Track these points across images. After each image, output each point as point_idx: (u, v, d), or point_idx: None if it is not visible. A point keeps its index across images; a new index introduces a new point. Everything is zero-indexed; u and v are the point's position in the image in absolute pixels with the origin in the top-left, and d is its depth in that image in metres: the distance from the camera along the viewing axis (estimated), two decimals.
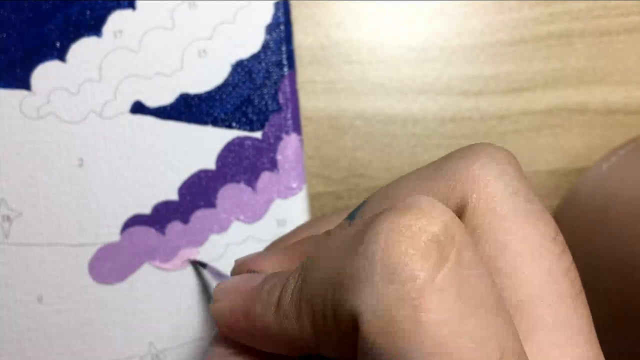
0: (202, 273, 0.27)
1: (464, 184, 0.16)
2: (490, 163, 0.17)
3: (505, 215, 0.16)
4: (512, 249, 0.16)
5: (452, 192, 0.17)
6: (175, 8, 0.28)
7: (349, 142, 0.31)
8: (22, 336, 0.27)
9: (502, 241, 0.16)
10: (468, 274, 0.14)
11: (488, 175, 0.16)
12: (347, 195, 0.31)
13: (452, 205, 0.17)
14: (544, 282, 0.16)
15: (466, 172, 0.17)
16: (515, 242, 0.16)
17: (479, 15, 0.32)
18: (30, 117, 0.27)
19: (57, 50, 0.28)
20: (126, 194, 0.28)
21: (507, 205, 0.16)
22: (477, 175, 0.16)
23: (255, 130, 0.28)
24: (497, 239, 0.16)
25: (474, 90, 0.32)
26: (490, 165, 0.17)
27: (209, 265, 0.26)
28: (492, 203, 0.16)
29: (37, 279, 0.27)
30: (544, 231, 0.16)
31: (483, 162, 0.17)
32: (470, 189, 0.16)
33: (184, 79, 0.28)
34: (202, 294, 0.28)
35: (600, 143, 0.32)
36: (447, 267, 0.13)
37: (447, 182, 0.17)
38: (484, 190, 0.16)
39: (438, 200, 0.15)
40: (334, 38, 0.31)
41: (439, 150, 0.31)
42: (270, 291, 0.17)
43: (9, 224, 0.27)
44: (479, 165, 0.17)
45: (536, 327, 0.15)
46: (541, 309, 0.15)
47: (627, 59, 0.32)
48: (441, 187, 0.17)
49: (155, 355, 0.27)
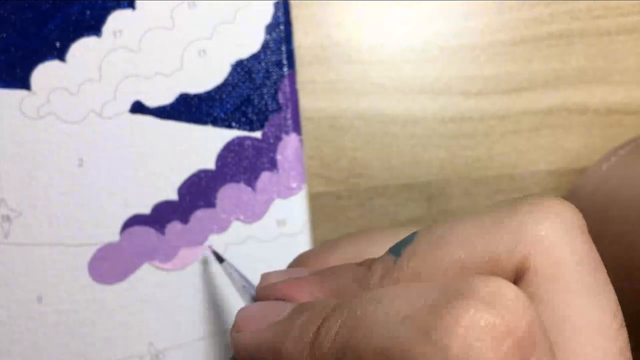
0: (210, 269, 0.27)
1: (528, 244, 0.15)
2: (558, 225, 0.15)
3: (568, 286, 0.15)
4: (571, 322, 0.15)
5: (514, 251, 0.15)
6: (175, 8, 0.28)
7: (349, 142, 0.31)
8: (22, 336, 0.27)
9: (561, 313, 0.15)
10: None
11: (555, 239, 0.15)
12: (347, 195, 0.31)
13: (512, 264, 0.15)
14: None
15: (533, 232, 0.15)
16: (575, 316, 0.15)
17: (479, 15, 0.32)
18: (30, 117, 0.27)
19: (57, 50, 0.28)
20: (126, 194, 0.28)
21: (571, 275, 0.15)
22: (544, 238, 0.15)
23: (255, 130, 0.28)
24: (557, 311, 0.15)
25: (474, 90, 0.32)
26: (559, 228, 0.15)
27: (226, 261, 0.26)
28: (557, 271, 0.15)
29: (37, 279, 0.27)
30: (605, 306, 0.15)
31: (551, 224, 0.15)
32: (534, 251, 0.15)
33: (184, 78, 0.28)
34: (213, 287, 0.27)
35: (600, 143, 0.32)
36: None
37: (510, 238, 0.15)
38: (550, 255, 0.15)
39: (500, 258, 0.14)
40: (334, 38, 0.31)
41: (439, 150, 0.31)
42: (303, 327, 0.16)
43: (9, 224, 0.27)
44: (547, 227, 0.15)
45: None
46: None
47: (627, 59, 0.32)
48: (502, 243, 0.15)
49: (155, 355, 0.27)
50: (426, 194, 0.31)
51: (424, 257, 0.16)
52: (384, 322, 0.14)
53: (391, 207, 0.31)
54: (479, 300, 0.13)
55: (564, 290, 0.15)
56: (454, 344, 0.13)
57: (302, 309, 0.16)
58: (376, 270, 0.17)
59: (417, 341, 0.13)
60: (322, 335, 0.15)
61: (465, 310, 0.13)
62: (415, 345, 0.13)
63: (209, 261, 0.27)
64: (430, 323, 0.13)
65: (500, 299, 0.13)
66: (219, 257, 0.26)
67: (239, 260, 0.27)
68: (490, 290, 0.13)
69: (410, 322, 0.13)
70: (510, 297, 0.13)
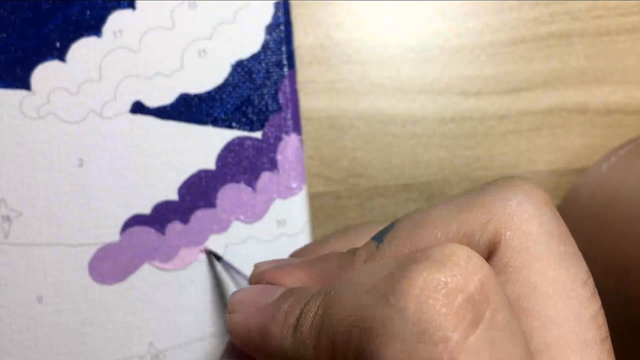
0: (215, 266, 0.27)
1: (499, 219, 0.16)
2: (527, 201, 0.16)
3: (538, 255, 0.16)
4: (543, 290, 0.16)
5: (486, 227, 0.16)
6: (175, 8, 0.28)
7: (349, 142, 0.31)
8: (22, 336, 0.27)
9: (532, 282, 0.16)
10: (501, 336, 0.13)
11: (524, 213, 0.16)
12: (347, 195, 0.31)
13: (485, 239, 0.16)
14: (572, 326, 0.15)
15: (502, 208, 0.16)
16: (546, 284, 0.16)
17: (479, 15, 0.32)
18: (30, 117, 0.27)
19: (57, 50, 0.28)
20: (126, 194, 0.28)
21: (540, 245, 0.16)
22: (514, 212, 0.16)
23: (255, 130, 0.28)
24: (528, 279, 0.16)
25: (474, 90, 0.32)
26: (527, 203, 0.16)
27: (223, 259, 0.26)
28: (526, 242, 0.16)
29: (37, 279, 0.27)
30: (575, 274, 0.16)
31: (520, 200, 0.16)
32: (505, 226, 0.16)
33: (184, 79, 0.28)
34: (211, 288, 0.27)
35: (600, 143, 0.32)
36: (481, 328, 0.13)
37: (482, 216, 0.16)
38: (519, 228, 0.16)
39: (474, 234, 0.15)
40: (334, 38, 0.31)
41: (439, 150, 0.31)
42: (288, 312, 0.16)
43: (9, 224, 0.27)
44: (516, 202, 0.16)
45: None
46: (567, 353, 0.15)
47: (627, 59, 0.32)
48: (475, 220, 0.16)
49: (155, 355, 0.27)
50: (426, 194, 0.31)
51: (404, 240, 0.17)
52: (352, 296, 0.15)
53: (391, 207, 0.31)
54: (432, 262, 0.14)
55: (535, 260, 0.16)
56: (410, 304, 0.13)
57: (288, 294, 0.17)
58: (360, 255, 0.18)
59: (379, 307, 0.14)
60: (303, 317, 0.16)
61: (418, 273, 0.14)
62: (378, 310, 0.14)
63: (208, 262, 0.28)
64: (389, 289, 0.14)
65: (452, 259, 0.14)
66: (216, 255, 0.26)
67: (239, 260, 0.28)
68: (443, 253, 0.14)
69: (373, 291, 0.14)
70: (461, 257, 0.14)
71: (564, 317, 0.16)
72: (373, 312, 0.14)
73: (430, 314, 0.13)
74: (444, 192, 0.31)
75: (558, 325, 0.15)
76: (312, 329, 0.16)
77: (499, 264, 0.16)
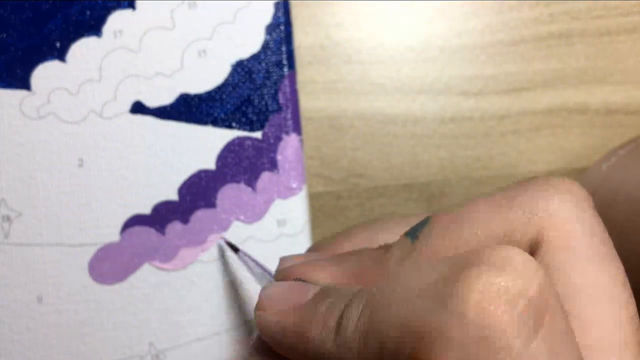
0: (228, 258, 0.27)
1: (541, 218, 0.16)
2: (569, 200, 0.16)
3: (581, 256, 0.16)
4: (584, 291, 0.16)
5: (528, 226, 0.16)
6: (175, 8, 0.28)
7: (349, 142, 0.31)
8: (22, 336, 0.27)
9: (574, 283, 0.16)
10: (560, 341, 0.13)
11: (567, 212, 0.16)
12: (347, 195, 0.31)
13: (526, 239, 0.16)
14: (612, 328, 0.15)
15: (544, 207, 0.16)
16: (588, 285, 0.16)
17: (479, 15, 0.32)
18: (30, 117, 0.27)
19: (57, 50, 0.28)
20: (126, 194, 0.28)
21: (583, 246, 0.16)
22: (555, 211, 0.16)
23: (255, 130, 0.28)
24: (569, 280, 0.16)
25: (474, 90, 0.32)
26: (569, 202, 0.16)
27: (241, 250, 0.25)
28: (568, 242, 0.16)
29: (37, 279, 0.27)
30: (616, 276, 0.16)
31: (562, 198, 0.16)
32: (548, 225, 0.16)
33: (184, 79, 0.28)
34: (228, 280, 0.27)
35: (600, 143, 0.32)
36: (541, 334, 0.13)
37: (523, 214, 0.16)
38: (562, 227, 0.16)
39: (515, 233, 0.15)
40: (334, 38, 0.31)
41: (439, 150, 0.31)
42: (327, 313, 0.16)
43: (9, 224, 0.27)
44: (558, 200, 0.16)
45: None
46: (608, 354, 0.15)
47: (627, 59, 0.32)
48: (516, 219, 0.16)
49: (155, 355, 0.27)
50: (426, 194, 0.31)
51: (440, 237, 0.16)
52: (402, 299, 0.14)
53: (391, 207, 0.31)
54: (490, 266, 0.13)
55: (577, 260, 0.16)
56: (470, 310, 0.13)
57: (325, 294, 0.17)
58: (394, 252, 0.17)
59: (435, 312, 0.13)
60: (345, 320, 0.15)
61: (477, 276, 0.13)
62: (434, 316, 0.13)
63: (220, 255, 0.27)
64: (446, 293, 0.13)
65: (510, 262, 0.14)
66: (233, 247, 0.26)
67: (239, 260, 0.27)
68: (499, 256, 0.14)
69: (427, 295, 0.14)
70: (519, 261, 0.14)
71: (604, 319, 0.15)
72: (429, 317, 0.13)
73: (492, 320, 0.13)
74: (444, 192, 0.31)
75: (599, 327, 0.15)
76: (358, 332, 0.15)
77: (541, 263, 0.16)
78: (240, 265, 0.26)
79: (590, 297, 0.15)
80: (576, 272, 0.16)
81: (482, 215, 0.16)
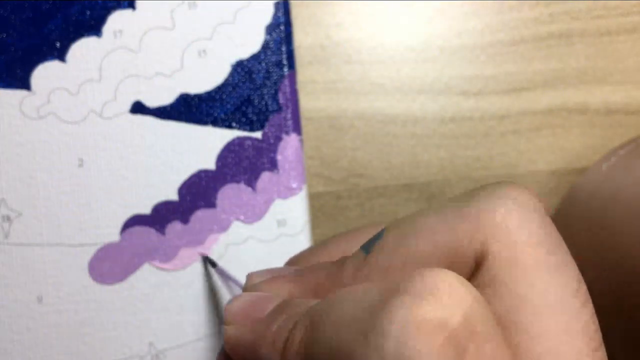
0: (210, 271, 0.27)
1: (486, 230, 0.16)
2: (515, 209, 0.16)
3: (527, 267, 0.15)
4: (531, 302, 0.15)
5: (473, 238, 0.16)
6: (175, 8, 0.28)
7: (349, 142, 0.31)
8: (22, 336, 0.27)
9: (521, 294, 0.15)
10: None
11: (512, 223, 0.16)
12: (347, 195, 0.31)
13: (471, 251, 0.16)
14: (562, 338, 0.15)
15: (490, 218, 0.16)
16: (535, 296, 0.15)
17: (479, 15, 0.32)
18: (30, 117, 0.27)
19: (57, 50, 0.28)
20: (126, 194, 0.28)
21: (529, 256, 0.16)
22: (501, 222, 0.16)
23: (255, 130, 0.28)
24: (516, 292, 0.15)
25: (474, 90, 0.32)
26: (515, 212, 0.16)
27: (218, 266, 0.26)
28: (514, 254, 0.16)
29: (37, 279, 0.27)
30: (565, 284, 0.16)
31: (508, 208, 0.16)
32: (492, 237, 0.16)
33: (184, 79, 0.28)
34: (207, 291, 0.27)
35: (600, 143, 0.32)
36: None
37: (469, 227, 0.16)
38: (507, 239, 0.16)
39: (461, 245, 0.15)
40: (334, 38, 0.31)
41: (439, 150, 0.31)
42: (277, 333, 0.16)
43: (9, 224, 0.27)
44: (504, 211, 0.16)
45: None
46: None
47: (627, 59, 0.32)
48: (462, 232, 0.16)
49: (155, 355, 0.27)
50: (426, 194, 0.31)
51: (391, 252, 0.16)
52: (335, 325, 0.14)
53: (391, 207, 0.31)
54: (413, 296, 0.13)
55: (523, 272, 0.15)
56: (388, 344, 0.13)
57: (279, 310, 0.17)
58: (348, 267, 0.17)
59: (358, 343, 0.13)
60: (290, 341, 0.16)
61: (398, 308, 0.13)
62: (356, 348, 0.13)
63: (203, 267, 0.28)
64: (369, 324, 0.13)
65: (435, 291, 0.13)
66: (211, 262, 0.26)
67: (239, 260, 0.28)
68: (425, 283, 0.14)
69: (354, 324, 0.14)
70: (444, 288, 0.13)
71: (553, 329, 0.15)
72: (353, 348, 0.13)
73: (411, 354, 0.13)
74: (444, 192, 0.31)
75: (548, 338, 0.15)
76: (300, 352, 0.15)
77: (486, 276, 0.16)
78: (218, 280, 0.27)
79: (538, 308, 0.15)
80: (522, 284, 0.15)
81: (431, 228, 0.16)
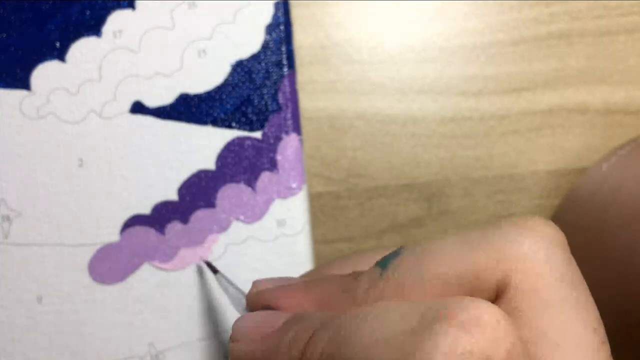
0: (206, 276, 0.27)
1: (510, 261, 0.16)
2: (540, 243, 0.16)
3: (548, 301, 0.16)
4: (551, 337, 0.15)
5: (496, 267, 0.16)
6: (175, 8, 0.28)
7: (349, 142, 0.31)
8: (22, 336, 0.27)
9: (541, 328, 0.15)
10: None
11: (536, 256, 0.16)
12: (347, 195, 0.31)
13: (493, 280, 0.16)
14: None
15: (515, 250, 0.16)
16: (555, 331, 0.15)
17: (479, 15, 0.32)
18: (30, 117, 0.27)
19: (57, 50, 0.28)
20: (126, 194, 0.28)
21: (551, 291, 0.16)
22: (525, 255, 0.16)
23: (255, 130, 0.28)
24: (537, 326, 0.15)
25: (474, 90, 0.32)
26: (540, 246, 0.16)
27: (220, 272, 0.26)
28: (537, 286, 0.16)
29: (37, 279, 0.27)
30: (586, 321, 0.16)
31: (533, 242, 0.16)
32: (516, 269, 0.16)
33: (184, 79, 0.28)
34: (204, 296, 0.27)
35: (600, 143, 0.32)
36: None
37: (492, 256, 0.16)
38: (530, 271, 0.16)
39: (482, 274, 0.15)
40: (334, 38, 0.31)
41: (439, 150, 0.31)
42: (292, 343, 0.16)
43: (9, 224, 0.27)
44: (529, 244, 0.16)
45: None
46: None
47: (627, 59, 0.32)
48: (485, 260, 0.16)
49: (155, 355, 0.27)
50: (426, 194, 0.31)
51: (408, 270, 0.16)
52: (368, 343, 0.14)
53: (391, 207, 0.31)
54: (458, 326, 0.13)
55: (544, 306, 0.15)
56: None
57: (292, 323, 0.17)
58: (363, 281, 0.17)
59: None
60: (309, 351, 0.15)
61: (444, 336, 0.13)
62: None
63: (204, 270, 0.27)
64: (411, 348, 0.13)
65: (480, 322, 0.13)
66: (212, 268, 0.26)
67: (239, 260, 0.28)
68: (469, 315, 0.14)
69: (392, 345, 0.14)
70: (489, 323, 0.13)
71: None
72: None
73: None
74: (444, 192, 0.31)
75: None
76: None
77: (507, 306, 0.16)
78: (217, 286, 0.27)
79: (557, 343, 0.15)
80: (543, 318, 0.15)
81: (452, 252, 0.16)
